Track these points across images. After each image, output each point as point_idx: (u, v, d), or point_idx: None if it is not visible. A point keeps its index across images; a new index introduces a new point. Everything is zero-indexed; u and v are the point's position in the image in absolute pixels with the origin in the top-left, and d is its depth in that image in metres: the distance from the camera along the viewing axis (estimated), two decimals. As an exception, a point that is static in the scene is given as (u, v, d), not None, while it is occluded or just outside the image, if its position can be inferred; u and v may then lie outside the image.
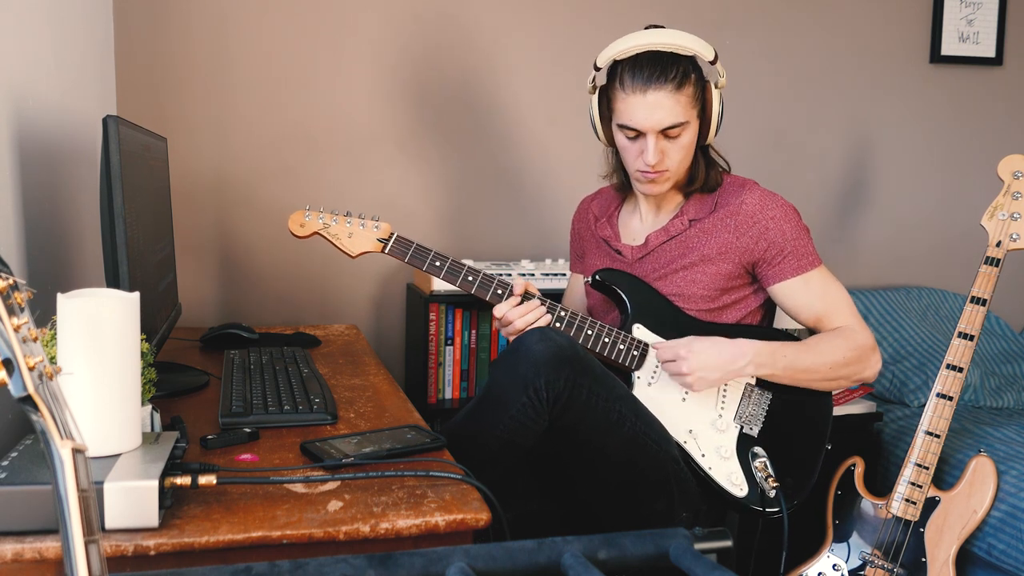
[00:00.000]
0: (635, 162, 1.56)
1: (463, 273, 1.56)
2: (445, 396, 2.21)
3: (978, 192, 2.61)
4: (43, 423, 0.65)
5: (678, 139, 1.53)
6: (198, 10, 2.18)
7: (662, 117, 1.50)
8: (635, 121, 1.51)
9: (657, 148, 1.52)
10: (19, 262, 1.30)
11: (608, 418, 1.39)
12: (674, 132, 1.52)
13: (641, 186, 1.60)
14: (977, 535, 1.81)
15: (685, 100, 1.51)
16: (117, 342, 0.96)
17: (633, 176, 1.60)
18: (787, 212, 1.56)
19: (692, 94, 1.52)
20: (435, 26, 2.33)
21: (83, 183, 1.67)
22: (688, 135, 1.54)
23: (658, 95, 1.49)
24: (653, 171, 1.55)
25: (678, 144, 1.53)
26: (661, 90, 1.49)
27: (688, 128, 1.53)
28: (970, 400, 2.39)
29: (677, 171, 1.57)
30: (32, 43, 1.41)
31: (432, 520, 0.98)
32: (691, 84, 1.52)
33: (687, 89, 1.51)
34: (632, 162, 1.57)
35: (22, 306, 0.66)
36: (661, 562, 0.86)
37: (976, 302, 1.78)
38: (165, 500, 0.94)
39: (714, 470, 1.51)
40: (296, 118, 2.27)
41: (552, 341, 1.35)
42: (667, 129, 1.51)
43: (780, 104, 2.61)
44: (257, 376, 1.52)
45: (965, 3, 2.69)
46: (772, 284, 1.57)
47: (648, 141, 1.52)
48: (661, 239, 1.61)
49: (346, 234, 1.58)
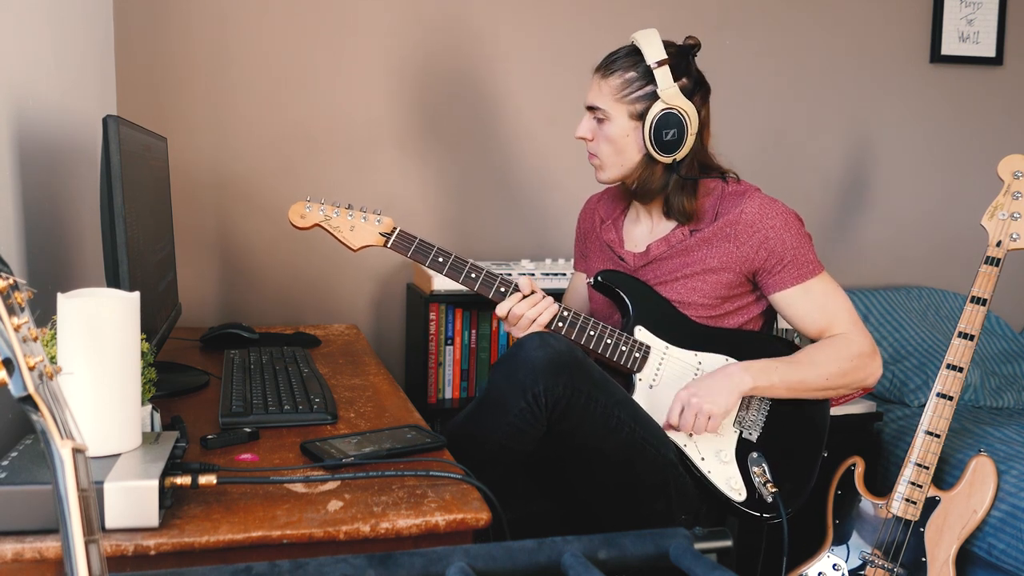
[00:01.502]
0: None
1: (466, 270, 1.56)
2: (445, 396, 2.21)
3: (978, 192, 2.60)
4: (43, 423, 0.65)
5: (602, 128, 1.57)
6: (198, 10, 2.18)
7: (588, 96, 1.58)
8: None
9: (587, 125, 1.59)
10: (19, 262, 1.30)
11: (607, 423, 1.39)
12: (598, 115, 1.57)
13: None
14: (977, 535, 1.81)
15: (608, 90, 1.55)
16: (117, 342, 0.96)
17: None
18: (788, 220, 1.55)
19: (618, 87, 1.54)
20: (436, 26, 2.33)
21: (83, 183, 1.67)
22: (611, 127, 1.55)
23: (594, 77, 1.58)
24: (589, 152, 1.60)
25: (602, 133, 1.57)
26: (595, 75, 1.58)
27: (610, 120, 1.55)
28: (970, 400, 2.39)
29: (610, 163, 1.58)
30: (32, 43, 1.41)
31: (432, 520, 0.98)
32: (619, 78, 1.54)
33: (612, 80, 1.55)
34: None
35: (22, 306, 0.66)
36: (661, 562, 0.86)
37: (976, 302, 1.78)
38: (165, 500, 0.94)
39: (713, 474, 1.51)
40: (296, 118, 2.27)
41: (551, 347, 1.34)
42: (591, 110, 1.58)
43: (780, 104, 2.61)
44: (257, 376, 1.52)
45: (965, 3, 2.69)
46: (772, 293, 1.57)
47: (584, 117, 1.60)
48: (662, 248, 1.61)
49: (348, 227, 1.57)
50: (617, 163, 1.58)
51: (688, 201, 1.57)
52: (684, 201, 1.56)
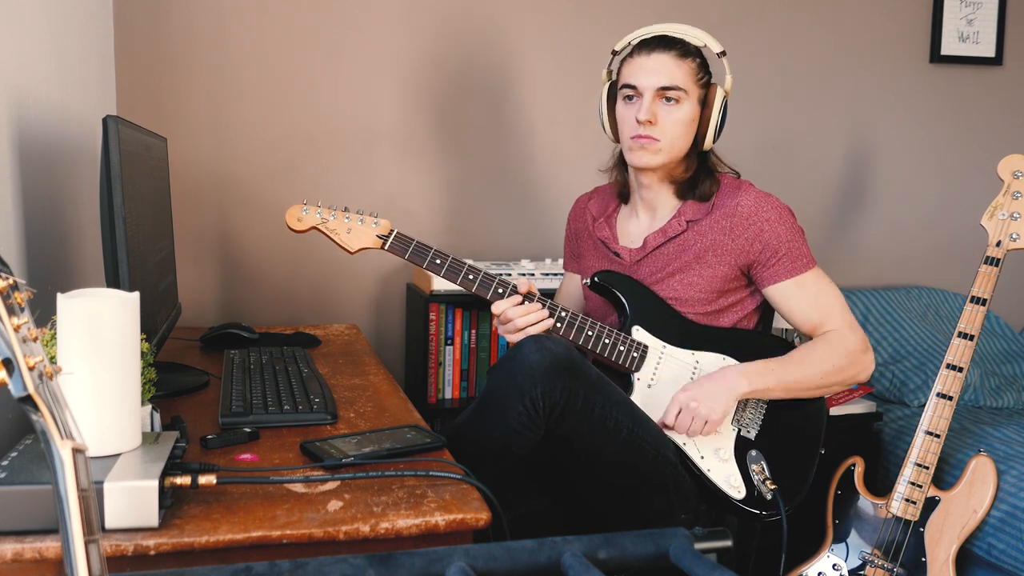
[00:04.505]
0: (630, 128, 1.57)
1: (463, 271, 1.56)
2: (445, 396, 2.21)
3: (978, 192, 2.60)
4: (43, 423, 0.65)
5: (674, 109, 1.54)
6: (198, 10, 2.18)
7: (660, 77, 1.54)
8: (636, 78, 1.55)
9: (651, 108, 1.54)
10: (19, 262, 1.30)
11: (605, 425, 1.40)
12: (672, 95, 1.53)
13: (633, 155, 1.58)
14: (977, 535, 1.81)
15: (687, 70, 1.54)
16: (117, 342, 0.96)
17: (627, 147, 1.60)
18: (782, 214, 1.56)
19: (694, 71, 1.55)
20: (436, 27, 2.33)
21: (83, 183, 1.67)
22: (685, 109, 1.54)
23: (661, 56, 1.54)
24: (645, 135, 1.54)
25: (673, 116, 1.54)
26: (665, 54, 1.54)
27: (685, 100, 1.54)
28: (970, 400, 2.39)
29: (671, 147, 1.56)
30: (32, 43, 1.41)
31: (432, 520, 0.98)
32: (694, 62, 1.56)
33: (689, 62, 1.55)
34: (627, 130, 1.58)
35: (22, 306, 0.66)
36: (661, 562, 0.86)
37: (976, 302, 1.78)
38: (165, 500, 0.94)
39: (712, 472, 1.52)
40: (296, 118, 2.27)
41: (548, 350, 1.34)
42: (664, 90, 1.53)
43: (780, 104, 2.61)
44: (257, 376, 1.52)
45: (965, 3, 2.69)
46: (766, 286, 1.57)
47: (644, 99, 1.54)
48: (659, 240, 1.61)
49: (345, 229, 1.57)
50: (678, 146, 1.57)
51: (712, 184, 1.60)
52: (710, 184, 1.60)
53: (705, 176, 1.61)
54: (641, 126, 1.54)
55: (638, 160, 1.57)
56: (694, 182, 1.60)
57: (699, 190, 1.60)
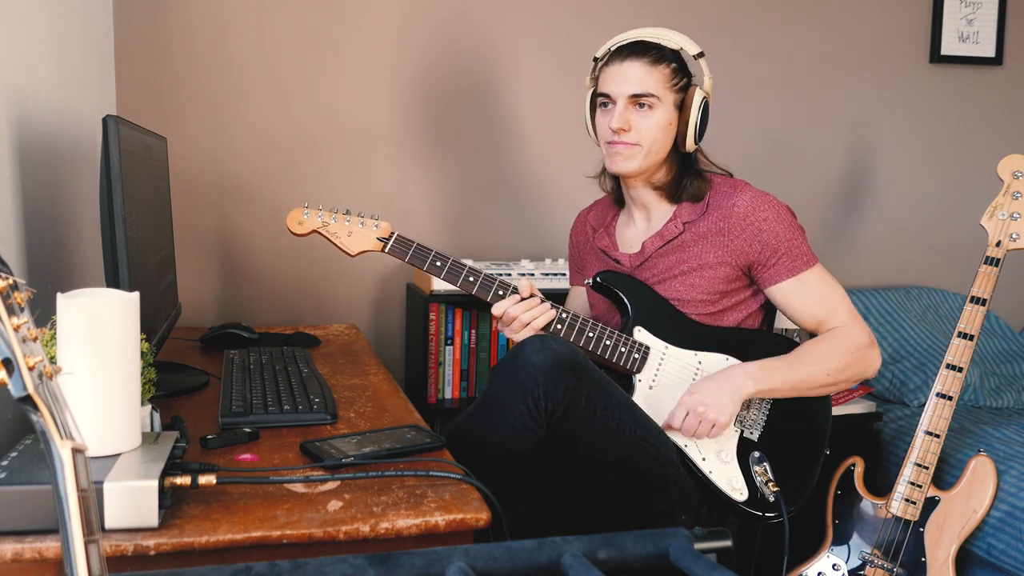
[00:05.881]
0: (605, 135, 1.59)
1: (464, 273, 1.56)
2: (445, 396, 2.21)
3: (978, 192, 2.60)
4: (43, 423, 0.65)
5: (649, 114, 1.55)
6: (198, 10, 2.18)
7: (631, 85, 1.55)
8: (608, 86, 1.57)
9: (624, 115, 1.55)
10: (19, 262, 1.30)
11: (607, 426, 1.39)
12: (644, 101, 1.54)
13: (610, 161, 1.60)
14: (977, 535, 1.81)
15: (658, 76, 1.54)
16: (117, 342, 0.96)
17: (605, 154, 1.62)
18: (779, 212, 1.55)
19: (667, 76, 1.55)
20: (436, 28, 2.33)
21: (83, 183, 1.67)
22: (659, 114, 1.55)
23: (633, 64, 1.55)
24: (620, 141, 1.55)
25: (648, 121, 1.55)
26: (636, 61, 1.55)
27: (659, 106, 1.55)
28: (970, 400, 2.39)
29: (649, 150, 1.56)
30: (32, 43, 1.41)
31: (432, 520, 0.98)
32: (668, 67, 1.56)
33: (662, 67, 1.55)
34: (604, 137, 1.60)
35: (22, 306, 0.66)
36: (661, 562, 0.86)
37: (976, 302, 1.78)
38: (165, 500, 0.94)
39: (714, 474, 1.51)
40: (296, 118, 2.27)
41: (551, 350, 1.34)
42: (637, 97, 1.54)
43: (779, 104, 2.61)
44: (257, 376, 1.52)
45: (965, 3, 2.69)
46: (769, 286, 1.57)
47: (617, 107, 1.55)
48: (657, 244, 1.61)
49: (345, 232, 1.57)
50: (656, 150, 1.58)
51: (701, 184, 1.60)
52: (699, 184, 1.60)
53: (691, 177, 1.60)
54: (615, 133, 1.55)
55: (615, 166, 1.59)
56: (678, 184, 1.61)
57: (688, 191, 1.60)
